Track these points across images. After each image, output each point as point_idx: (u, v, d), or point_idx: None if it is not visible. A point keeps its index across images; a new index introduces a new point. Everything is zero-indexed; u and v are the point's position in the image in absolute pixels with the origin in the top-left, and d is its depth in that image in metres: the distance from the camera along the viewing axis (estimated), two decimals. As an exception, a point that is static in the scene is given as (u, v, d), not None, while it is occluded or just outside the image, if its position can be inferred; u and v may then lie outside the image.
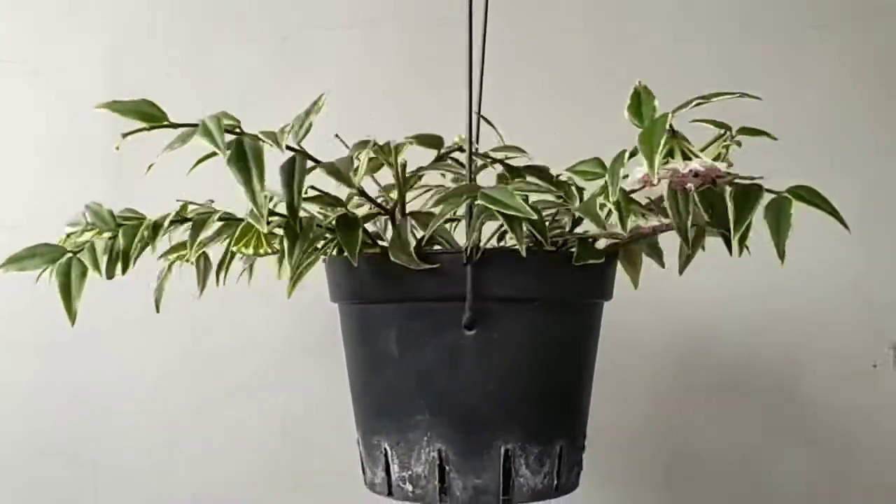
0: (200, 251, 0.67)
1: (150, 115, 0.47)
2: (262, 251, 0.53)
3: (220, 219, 0.58)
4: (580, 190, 0.61)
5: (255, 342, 0.99)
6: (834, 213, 0.54)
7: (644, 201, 0.57)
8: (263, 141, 0.51)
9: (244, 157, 0.49)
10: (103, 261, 0.53)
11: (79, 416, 0.98)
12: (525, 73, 1.01)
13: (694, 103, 0.51)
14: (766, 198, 0.55)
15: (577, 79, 1.03)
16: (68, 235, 0.61)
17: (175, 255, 0.78)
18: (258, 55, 0.99)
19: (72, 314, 0.52)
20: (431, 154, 0.67)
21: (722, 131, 0.63)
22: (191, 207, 0.60)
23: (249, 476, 1.00)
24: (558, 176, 0.61)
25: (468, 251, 0.56)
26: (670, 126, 0.51)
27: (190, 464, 0.99)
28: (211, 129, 0.47)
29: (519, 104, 1.00)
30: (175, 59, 0.99)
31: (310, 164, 0.54)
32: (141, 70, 0.98)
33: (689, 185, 0.52)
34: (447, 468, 0.59)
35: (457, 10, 0.63)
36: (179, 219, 0.57)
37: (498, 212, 0.51)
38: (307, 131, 0.54)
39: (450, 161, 0.65)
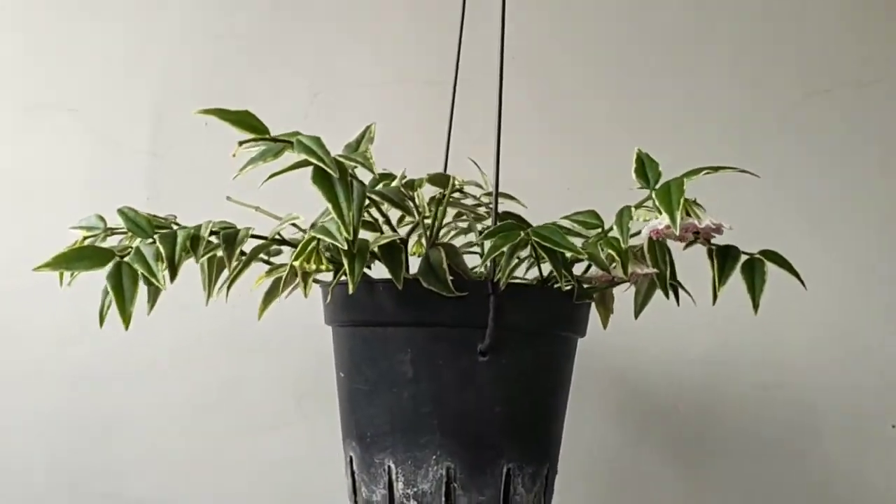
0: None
1: (255, 127, 0.48)
2: (322, 267, 0.55)
3: (251, 236, 0.59)
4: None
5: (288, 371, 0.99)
6: (793, 272, 0.65)
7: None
8: (350, 160, 0.53)
9: (329, 180, 0.52)
10: (159, 268, 0.52)
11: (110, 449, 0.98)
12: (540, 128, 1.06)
13: (703, 173, 0.61)
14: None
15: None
16: (85, 238, 0.59)
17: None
18: (291, 108, 1.02)
19: (126, 317, 0.51)
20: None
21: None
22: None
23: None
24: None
25: (493, 282, 0.62)
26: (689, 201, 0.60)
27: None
28: (311, 146, 0.49)
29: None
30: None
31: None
32: (183, 121, 0.98)
33: (685, 237, 0.61)
34: (454, 486, 0.63)
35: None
36: (217, 230, 0.58)
37: (548, 248, 0.57)
38: (365, 162, 0.57)
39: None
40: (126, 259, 0.52)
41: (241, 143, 0.47)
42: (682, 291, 0.68)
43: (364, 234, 0.61)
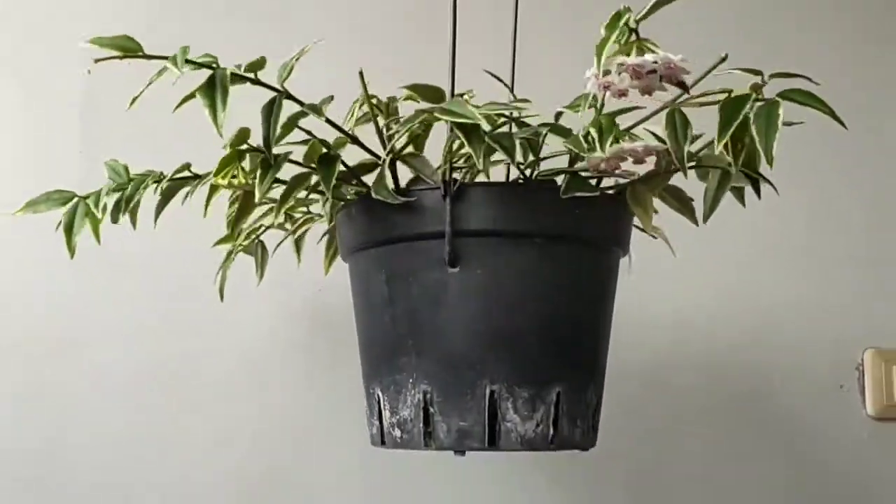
0: (254, 238, 0.72)
1: (126, 47, 0.52)
2: (236, 182, 0.55)
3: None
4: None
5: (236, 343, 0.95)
6: (830, 112, 0.49)
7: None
8: (241, 75, 0.54)
9: (213, 86, 0.52)
10: (103, 202, 0.57)
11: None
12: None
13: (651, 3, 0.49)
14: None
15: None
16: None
17: (238, 243, 0.83)
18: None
19: (71, 249, 0.57)
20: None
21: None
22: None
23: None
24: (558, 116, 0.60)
25: (444, 184, 0.56)
26: (633, 28, 0.50)
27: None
28: (177, 58, 0.50)
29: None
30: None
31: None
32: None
33: (651, 85, 0.49)
34: (431, 410, 0.57)
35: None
36: (188, 175, 0.61)
37: (452, 123, 0.51)
38: (289, 73, 0.57)
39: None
40: (86, 199, 0.58)
41: (97, 60, 0.51)
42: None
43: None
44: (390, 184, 0.57)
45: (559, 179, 0.58)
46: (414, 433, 0.58)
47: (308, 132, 0.59)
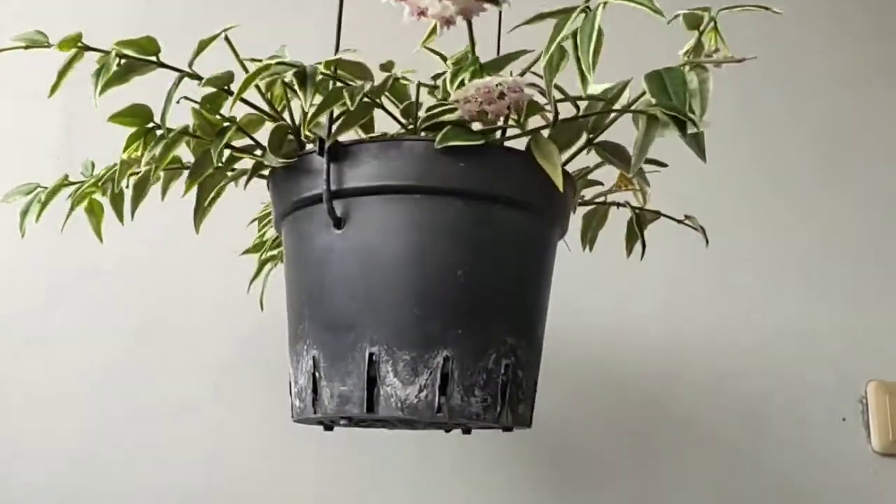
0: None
1: (37, 41, 0.58)
2: (146, 157, 0.59)
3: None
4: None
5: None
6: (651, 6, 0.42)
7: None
8: (141, 59, 0.58)
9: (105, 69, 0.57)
10: (46, 193, 0.64)
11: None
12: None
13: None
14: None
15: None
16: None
17: (266, 257, 0.86)
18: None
19: (22, 230, 0.64)
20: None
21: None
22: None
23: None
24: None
25: (320, 142, 0.56)
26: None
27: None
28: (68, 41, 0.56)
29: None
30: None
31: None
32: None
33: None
34: (318, 375, 0.56)
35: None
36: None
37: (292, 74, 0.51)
38: (196, 55, 0.60)
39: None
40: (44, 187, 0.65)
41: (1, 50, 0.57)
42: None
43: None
44: (274, 145, 0.57)
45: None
46: (307, 402, 0.56)
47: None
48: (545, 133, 0.56)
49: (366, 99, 0.55)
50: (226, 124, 0.60)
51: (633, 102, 0.58)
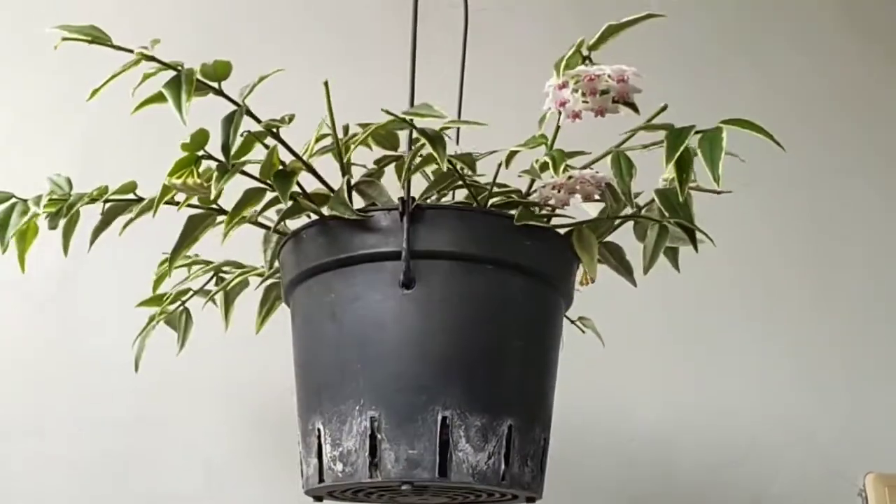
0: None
1: (96, 37, 0.51)
2: (191, 181, 0.54)
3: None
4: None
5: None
6: (768, 135, 0.52)
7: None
8: (203, 83, 0.54)
9: (178, 83, 0.52)
10: (42, 203, 0.55)
11: None
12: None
13: (602, 30, 0.53)
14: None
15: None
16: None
17: (160, 310, 0.79)
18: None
19: (3, 244, 0.53)
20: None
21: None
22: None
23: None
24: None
25: (405, 201, 0.56)
26: (584, 53, 0.53)
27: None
28: (146, 51, 0.50)
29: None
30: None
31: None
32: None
33: (604, 106, 0.52)
34: (379, 437, 0.54)
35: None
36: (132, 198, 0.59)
37: (417, 129, 0.52)
38: (250, 91, 0.57)
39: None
40: (24, 199, 0.55)
41: (63, 39, 0.50)
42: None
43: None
44: (346, 200, 0.56)
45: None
46: (358, 464, 0.54)
47: (266, 146, 0.58)
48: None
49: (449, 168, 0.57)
50: (285, 167, 0.57)
51: (641, 209, 0.66)
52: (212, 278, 0.79)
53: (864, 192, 1.22)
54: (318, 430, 0.56)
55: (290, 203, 0.56)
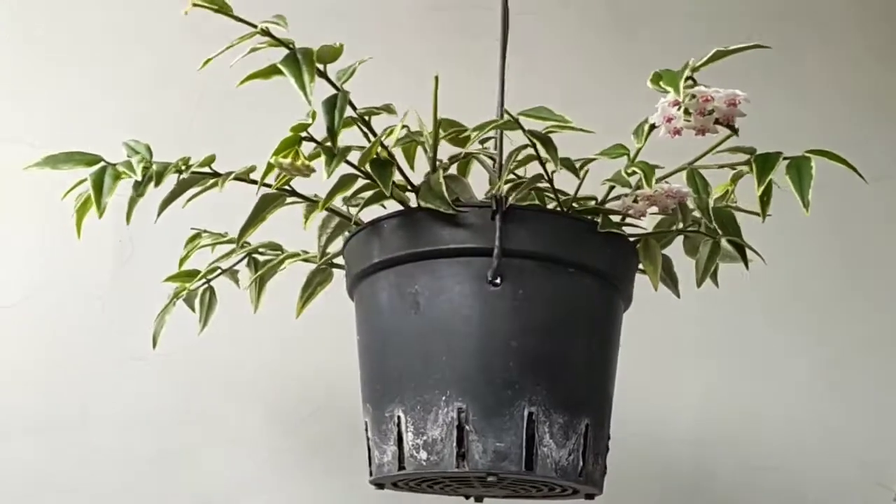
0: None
1: (221, 5, 0.50)
2: (298, 163, 0.53)
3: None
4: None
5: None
6: (851, 167, 0.56)
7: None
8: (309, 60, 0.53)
9: (295, 59, 0.52)
10: (138, 169, 0.53)
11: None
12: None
13: (711, 53, 0.56)
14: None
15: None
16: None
17: (180, 287, 0.78)
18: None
19: (100, 208, 0.52)
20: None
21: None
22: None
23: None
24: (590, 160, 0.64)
25: (498, 198, 0.57)
26: (691, 75, 0.55)
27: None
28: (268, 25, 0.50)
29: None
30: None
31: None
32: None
33: (706, 125, 0.55)
34: (467, 429, 0.55)
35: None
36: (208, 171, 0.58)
37: (527, 131, 0.53)
38: (349, 76, 0.57)
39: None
40: (113, 164, 0.53)
41: (195, 4, 0.49)
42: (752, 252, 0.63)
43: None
44: (444, 193, 0.57)
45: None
46: (444, 454, 0.54)
47: (368, 134, 0.58)
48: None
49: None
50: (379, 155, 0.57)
51: (688, 225, 0.69)
52: (243, 258, 0.78)
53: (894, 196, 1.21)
54: (398, 417, 0.57)
55: (388, 193, 0.56)
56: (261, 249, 0.76)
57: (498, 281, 0.57)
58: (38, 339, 0.95)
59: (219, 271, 0.78)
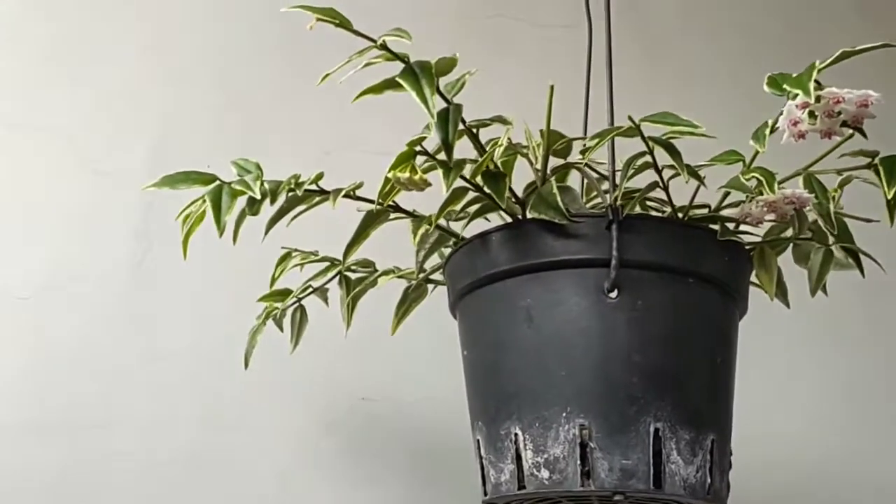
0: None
1: (342, 20, 0.50)
2: (416, 177, 0.52)
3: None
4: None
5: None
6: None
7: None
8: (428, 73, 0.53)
9: (413, 73, 0.51)
10: (255, 186, 0.53)
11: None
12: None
13: (837, 54, 0.54)
14: None
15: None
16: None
17: (270, 307, 0.78)
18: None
19: (220, 226, 0.52)
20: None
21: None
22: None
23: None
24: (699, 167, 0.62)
25: (615, 208, 0.56)
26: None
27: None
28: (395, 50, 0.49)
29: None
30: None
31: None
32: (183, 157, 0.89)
33: (832, 128, 0.53)
34: (590, 446, 0.53)
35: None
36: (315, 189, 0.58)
37: (650, 138, 0.51)
38: (460, 89, 0.56)
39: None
40: (228, 182, 0.53)
41: (318, 19, 0.49)
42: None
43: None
44: (559, 203, 0.56)
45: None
46: (568, 472, 0.53)
47: (480, 147, 0.58)
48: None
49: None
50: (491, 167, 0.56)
51: (798, 233, 0.67)
52: (334, 276, 0.77)
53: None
54: (515, 435, 0.55)
55: (503, 205, 0.55)
56: (353, 267, 0.76)
57: (615, 292, 0.55)
58: (53, 331, 0.91)
59: (311, 290, 0.77)
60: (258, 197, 0.54)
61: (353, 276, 0.76)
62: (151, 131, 0.98)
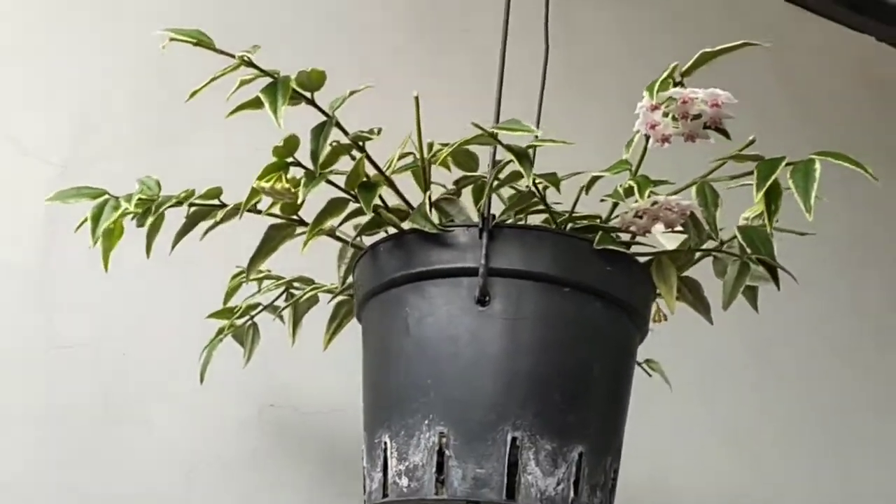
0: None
1: (201, 40, 0.53)
2: (279, 186, 0.54)
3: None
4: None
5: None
6: (860, 167, 0.51)
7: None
8: (297, 92, 0.55)
9: (275, 90, 0.54)
10: (132, 201, 0.56)
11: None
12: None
13: (697, 56, 0.53)
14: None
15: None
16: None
17: (229, 324, 0.81)
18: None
19: (95, 237, 0.55)
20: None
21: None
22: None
23: None
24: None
25: (483, 219, 0.56)
26: (677, 79, 0.53)
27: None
28: (247, 55, 0.52)
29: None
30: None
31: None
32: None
33: (695, 131, 0.51)
34: (447, 454, 0.53)
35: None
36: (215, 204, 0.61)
37: (504, 145, 0.52)
38: (340, 104, 0.58)
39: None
40: (115, 196, 0.57)
41: (171, 39, 0.52)
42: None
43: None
44: (433, 217, 0.56)
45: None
46: (424, 480, 0.53)
47: (353, 157, 0.59)
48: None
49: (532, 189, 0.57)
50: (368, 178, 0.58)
51: (723, 244, 0.64)
52: (282, 293, 0.79)
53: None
54: (385, 443, 0.56)
55: (371, 215, 0.56)
56: (295, 284, 0.78)
57: (486, 300, 0.55)
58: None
59: (260, 307, 0.80)
60: (130, 209, 0.57)
61: (297, 292, 0.79)
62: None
